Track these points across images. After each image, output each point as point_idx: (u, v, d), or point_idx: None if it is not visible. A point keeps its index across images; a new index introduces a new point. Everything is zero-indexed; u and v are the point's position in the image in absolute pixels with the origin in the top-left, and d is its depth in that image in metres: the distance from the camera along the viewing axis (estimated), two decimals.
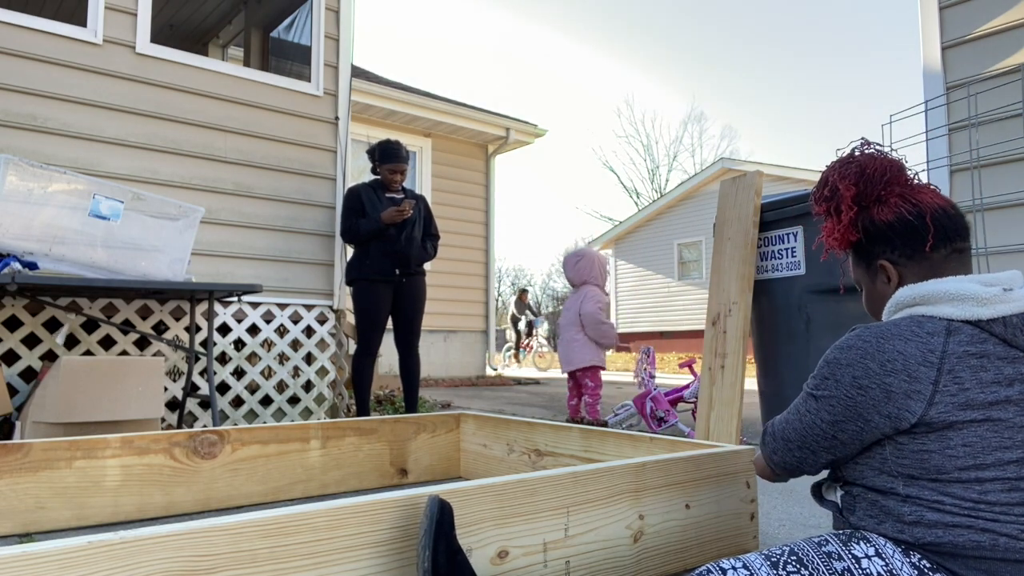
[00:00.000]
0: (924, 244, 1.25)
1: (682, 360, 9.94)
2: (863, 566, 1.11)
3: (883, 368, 1.15)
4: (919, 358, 1.14)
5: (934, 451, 1.12)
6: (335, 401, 4.53)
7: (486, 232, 10.05)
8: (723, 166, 15.88)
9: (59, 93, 3.75)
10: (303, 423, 2.72)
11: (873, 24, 53.26)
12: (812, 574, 1.11)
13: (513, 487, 1.56)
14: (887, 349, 1.16)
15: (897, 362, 1.15)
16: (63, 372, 2.95)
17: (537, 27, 63.16)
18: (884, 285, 1.32)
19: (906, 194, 1.30)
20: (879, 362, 1.16)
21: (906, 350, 1.15)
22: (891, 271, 1.29)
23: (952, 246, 1.25)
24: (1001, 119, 3.29)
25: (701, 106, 61.68)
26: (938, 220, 1.26)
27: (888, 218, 1.29)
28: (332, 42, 4.73)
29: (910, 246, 1.27)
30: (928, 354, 1.14)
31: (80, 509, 2.25)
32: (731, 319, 3.71)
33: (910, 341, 1.16)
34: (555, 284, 40.68)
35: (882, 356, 1.16)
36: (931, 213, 1.26)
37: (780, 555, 1.15)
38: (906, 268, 1.28)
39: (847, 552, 1.13)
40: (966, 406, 1.11)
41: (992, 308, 1.16)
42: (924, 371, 1.13)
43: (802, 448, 1.28)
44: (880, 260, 1.31)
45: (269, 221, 4.37)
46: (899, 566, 1.10)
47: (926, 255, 1.26)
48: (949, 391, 1.12)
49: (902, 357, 1.15)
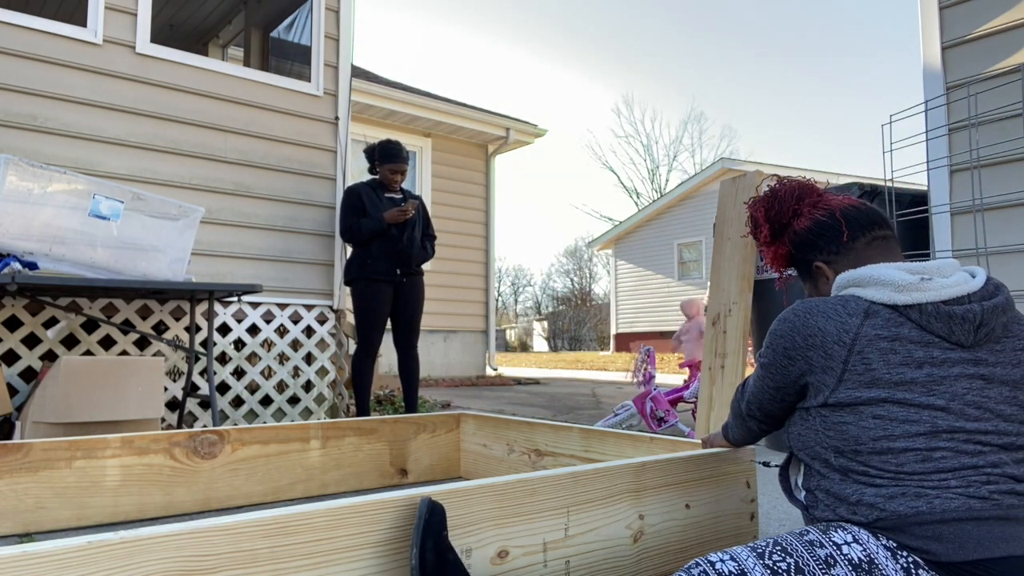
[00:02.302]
0: (841, 236, 1.42)
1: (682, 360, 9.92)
2: (844, 551, 1.15)
3: (806, 342, 1.29)
4: (834, 336, 1.26)
5: (850, 423, 1.23)
6: (335, 401, 4.53)
7: (486, 232, 10.05)
8: (723, 166, 15.87)
9: (59, 93, 3.75)
10: (303, 423, 2.72)
11: (873, 24, 53.26)
12: (797, 561, 1.14)
13: (513, 487, 1.56)
14: (810, 325, 1.29)
15: (817, 338, 1.28)
16: (63, 372, 2.94)
17: (537, 27, 63.15)
18: (825, 284, 1.46)
19: (817, 202, 1.49)
20: (803, 335, 1.30)
21: (825, 327, 1.27)
22: (826, 269, 1.45)
23: (871, 234, 1.41)
24: (1001, 119, 3.29)
25: (701, 106, 61.69)
26: (847, 214, 1.44)
27: (806, 225, 1.48)
28: (332, 42, 4.73)
29: (832, 242, 1.44)
30: (843, 334, 1.25)
31: (80, 509, 2.25)
32: (731, 319, 3.71)
33: (831, 319, 1.27)
34: (555, 284, 40.71)
35: (806, 331, 1.29)
36: (840, 210, 1.44)
37: (765, 547, 1.18)
38: (837, 263, 1.43)
39: (828, 539, 1.17)
40: (871, 384, 1.22)
41: (908, 295, 1.25)
42: (837, 350, 1.25)
43: (759, 403, 1.46)
44: (815, 263, 1.47)
45: (269, 221, 4.36)
46: (875, 550, 1.15)
47: (849, 246, 1.42)
48: (857, 370, 1.23)
49: (821, 334, 1.27)
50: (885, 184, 3.41)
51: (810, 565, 1.14)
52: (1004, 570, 1.07)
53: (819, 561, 1.14)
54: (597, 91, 61.84)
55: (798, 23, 54.54)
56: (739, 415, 1.59)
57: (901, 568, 1.12)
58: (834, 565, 1.14)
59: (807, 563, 1.14)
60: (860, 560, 1.14)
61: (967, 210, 3.37)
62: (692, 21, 56.14)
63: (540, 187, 63.09)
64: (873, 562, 1.14)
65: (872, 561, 1.14)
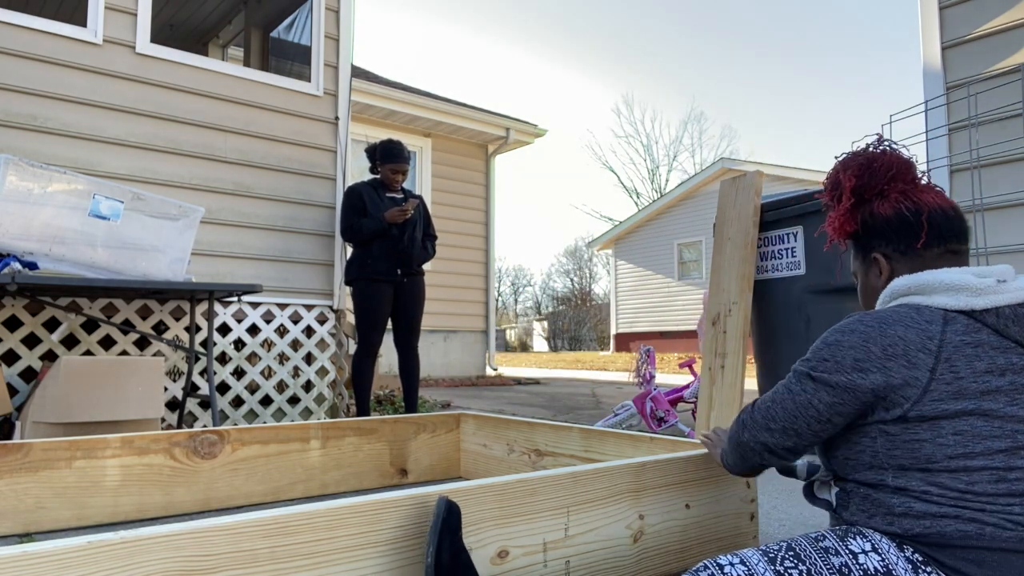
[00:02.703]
0: (917, 241, 1.28)
1: (682, 360, 9.93)
2: (860, 561, 1.11)
3: (884, 352, 1.17)
4: (918, 344, 1.16)
5: (926, 440, 1.14)
6: (335, 401, 4.53)
7: (486, 232, 10.05)
8: (723, 166, 15.87)
9: (59, 93, 3.75)
10: (303, 423, 2.72)
11: (873, 24, 53.26)
12: (810, 570, 1.11)
13: (513, 487, 1.56)
14: (889, 334, 1.17)
15: (898, 347, 1.16)
16: (63, 372, 2.94)
17: (537, 27, 63.17)
18: (876, 278, 1.35)
19: (908, 192, 1.32)
20: (881, 346, 1.17)
21: (907, 336, 1.16)
22: (883, 265, 1.32)
23: (946, 246, 1.28)
24: (1001, 119, 3.29)
25: (701, 106, 61.70)
26: (934, 219, 1.28)
27: (887, 212, 1.32)
28: (332, 42, 4.73)
29: (904, 242, 1.30)
30: (927, 341, 1.16)
31: (80, 509, 2.25)
32: (731, 319, 3.71)
33: (910, 327, 1.17)
34: (555, 284, 40.71)
35: (884, 340, 1.17)
36: (928, 212, 1.29)
37: (777, 551, 1.14)
38: (898, 263, 1.31)
39: (844, 547, 1.13)
40: (959, 395, 1.13)
41: (986, 298, 1.18)
42: (923, 358, 1.15)
43: (786, 430, 1.27)
44: (874, 253, 1.34)
45: (269, 221, 4.36)
46: (894, 561, 1.11)
47: (918, 252, 1.29)
48: (944, 379, 1.14)
49: (903, 342, 1.16)
50: None
51: (823, 574, 1.10)
52: None
53: (832, 570, 1.10)
54: (597, 91, 61.87)
55: (798, 23, 54.56)
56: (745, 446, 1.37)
57: None
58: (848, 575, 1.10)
59: (820, 571, 1.10)
60: (876, 570, 1.10)
61: (967, 210, 3.37)
62: (692, 21, 56.17)
63: (540, 187, 63.12)
64: (891, 574, 1.10)
65: (890, 572, 1.10)
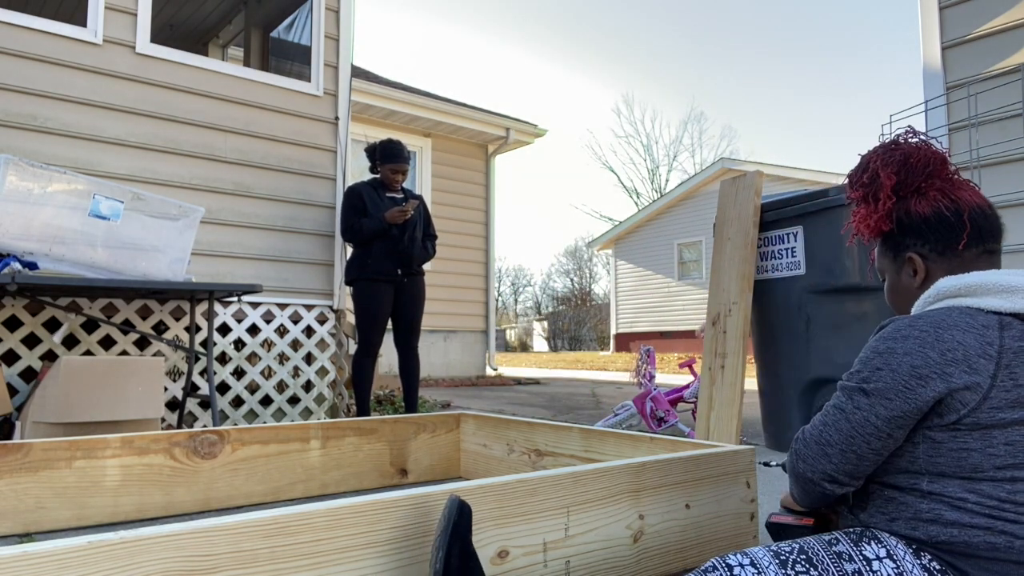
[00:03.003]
0: (958, 242, 1.23)
1: (682, 360, 9.93)
2: (874, 568, 1.08)
3: (943, 357, 1.10)
4: (979, 350, 1.10)
5: (975, 449, 1.10)
6: (335, 401, 4.53)
7: (486, 232, 10.05)
8: (723, 166, 15.87)
9: (59, 93, 3.75)
10: (303, 423, 2.72)
11: (873, 24, 53.28)
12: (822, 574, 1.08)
13: (513, 487, 1.56)
14: (947, 339, 1.11)
15: (958, 352, 1.10)
16: (63, 372, 2.94)
17: (537, 27, 63.18)
18: (909, 278, 1.29)
19: (946, 189, 1.27)
20: (939, 351, 1.11)
21: (966, 341, 1.11)
22: (919, 265, 1.26)
23: (984, 246, 1.24)
24: (1001, 119, 3.29)
25: (701, 106, 61.71)
26: (975, 219, 1.23)
27: (925, 211, 1.26)
28: (332, 42, 4.73)
29: (943, 242, 1.24)
30: (987, 347, 1.10)
31: (80, 509, 2.25)
32: (731, 319, 3.71)
33: (968, 332, 1.12)
34: (555, 284, 40.72)
35: (942, 345, 1.11)
36: (969, 211, 1.23)
37: (790, 553, 1.11)
38: (935, 264, 1.25)
39: (858, 553, 1.11)
40: (1016, 404, 1.09)
41: None
42: (983, 364, 1.10)
43: (844, 453, 1.17)
44: (909, 253, 1.28)
45: (269, 221, 4.36)
46: (910, 568, 1.08)
47: (957, 253, 1.24)
48: (1004, 386, 1.09)
49: (962, 348, 1.10)
50: None
51: None
52: None
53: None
54: (597, 91, 61.87)
55: (798, 23, 54.57)
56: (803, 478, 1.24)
57: None
58: None
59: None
60: None
61: None
62: (692, 21, 56.18)
63: (540, 187, 63.12)
64: None
65: None
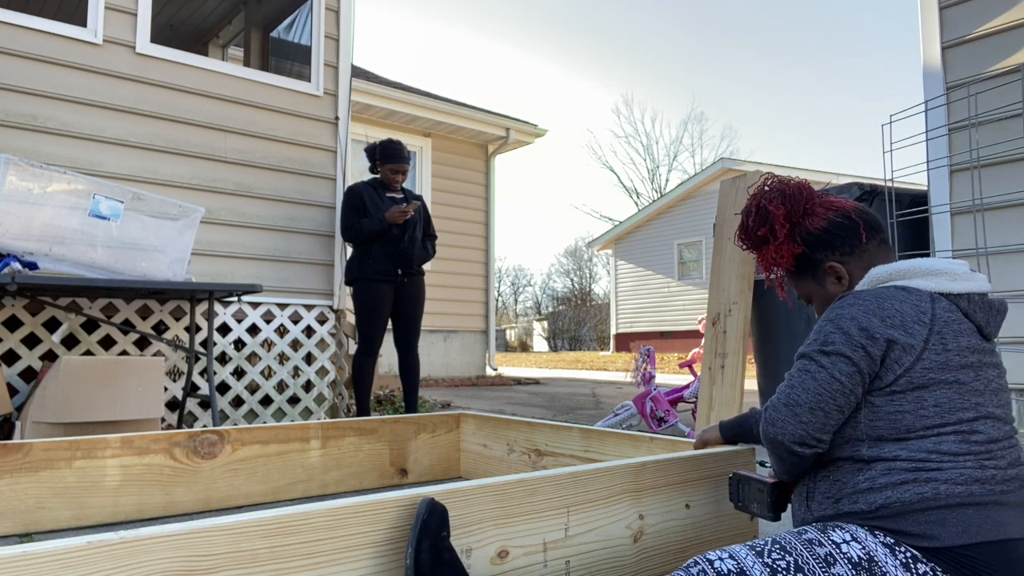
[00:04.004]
0: (860, 238, 1.41)
1: (682, 360, 9.93)
2: (843, 550, 1.16)
3: (884, 323, 1.24)
4: (913, 316, 1.24)
5: (908, 411, 1.22)
6: (335, 401, 4.53)
7: (486, 232, 10.05)
8: (723, 166, 15.87)
9: (59, 93, 3.75)
10: (303, 423, 2.72)
11: (873, 24, 53.27)
12: (796, 560, 1.15)
13: (513, 487, 1.56)
14: (887, 307, 1.26)
15: (896, 318, 1.24)
16: (63, 372, 2.94)
17: (537, 27, 63.17)
18: (835, 285, 1.43)
19: (826, 203, 1.46)
20: (880, 317, 1.25)
21: (902, 309, 1.25)
22: (840, 269, 1.41)
23: (879, 237, 1.42)
24: (1001, 119, 3.29)
25: (701, 106, 61.68)
26: (862, 215, 1.43)
27: (821, 224, 1.44)
28: (332, 42, 4.73)
29: (848, 243, 1.42)
30: (921, 315, 1.25)
31: (80, 509, 2.25)
32: (731, 319, 3.71)
33: (905, 302, 1.26)
34: (555, 284, 40.71)
35: (883, 312, 1.25)
36: (854, 211, 1.43)
37: (764, 545, 1.19)
38: (851, 264, 1.41)
39: (827, 538, 1.18)
40: (944, 367, 1.22)
41: (961, 283, 1.29)
42: (918, 328, 1.24)
43: (813, 411, 1.25)
44: (827, 263, 1.43)
45: (269, 221, 4.36)
46: (874, 547, 1.16)
47: (864, 247, 1.41)
48: (935, 350, 1.23)
49: (900, 315, 1.25)
50: (885, 184, 3.40)
51: (810, 563, 1.15)
52: (998, 553, 1.12)
53: (819, 560, 1.15)
54: (597, 91, 61.87)
55: (798, 23, 54.56)
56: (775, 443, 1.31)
57: (900, 564, 1.14)
58: (834, 564, 1.15)
59: (807, 561, 1.15)
60: (860, 558, 1.15)
61: (967, 210, 3.37)
62: (692, 21, 56.16)
63: (540, 187, 63.12)
64: (873, 559, 1.15)
65: (872, 559, 1.15)
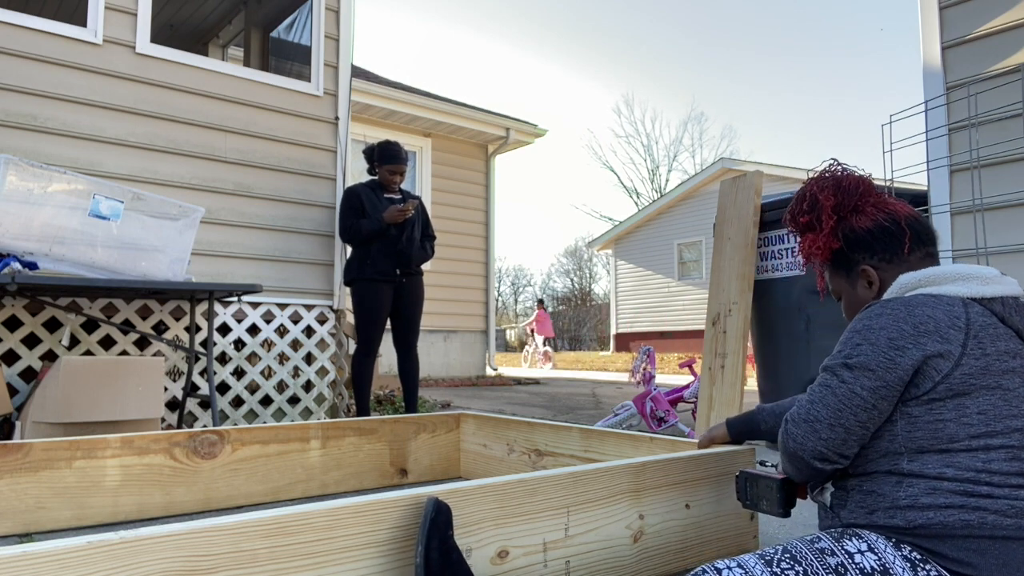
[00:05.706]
0: (902, 248, 1.36)
1: (682, 360, 9.93)
2: (856, 561, 1.13)
3: (916, 330, 1.20)
4: (947, 322, 1.20)
5: (950, 420, 1.17)
6: (335, 401, 4.53)
7: (486, 232, 10.05)
8: (723, 166, 15.87)
9: (59, 93, 3.75)
10: (303, 423, 2.72)
11: (873, 24, 53.25)
12: (806, 570, 1.13)
13: (513, 487, 1.56)
14: (918, 314, 1.21)
15: (929, 324, 1.20)
16: (63, 372, 2.94)
17: (537, 27, 63.17)
18: (865, 290, 1.40)
19: (879, 204, 1.41)
20: (912, 324, 1.20)
21: (935, 315, 1.21)
22: (872, 275, 1.38)
23: (925, 250, 1.37)
24: (1001, 119, 3.29)
25: (701, 106, 61.68)
26: (912, 225, 1.37)
27: (867, 225, 1.39)
28: (332, 42, 4.73)
29: (889, 250, 1.37)
30: (955, 319, 1.20)
31: (80, 509, 2.25)
32: (731, 319, 3.71)
33: (936, 308, 1.21)
34: (555, 284, 40.70)
35: (914, 319, 1.21)
36: (905, 219, 1.38)
37: (774, 554, 1.17)
38: (886, 272, 1.37)
39: (840, 548, 1.15)
40: (985, 371, 1.18)
41: (993, 287, 1.24)
42: (954, 334, 1.19)
43: (833, 427, 1.22)
44: (862, 266, 1.39)
45: (269, 221, 4.36)
46: (891, 560, 1.12)
47: (904, 258, 1.36)
48: (974, 354, 1.18)
49: (933, 320, 1.20)
50: (885, 184, 3.41)
51: (820, 574, 1.12)
52: None
53: (829, 570, 1.12)
54: (597, 91, 61.85)
55: (798, 23, 54.55)
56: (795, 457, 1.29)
57: None
58: (845, 574, 1.12)
59: (816, 572, 1.12)
60: (873, 569, 1.12)
61: (967, 210, 3.37)
62: (692, 21, 56.16)
63: (540, 187, 63.09)
64: (887, 572, 1.11)
65: (886, 571, 1.11)
